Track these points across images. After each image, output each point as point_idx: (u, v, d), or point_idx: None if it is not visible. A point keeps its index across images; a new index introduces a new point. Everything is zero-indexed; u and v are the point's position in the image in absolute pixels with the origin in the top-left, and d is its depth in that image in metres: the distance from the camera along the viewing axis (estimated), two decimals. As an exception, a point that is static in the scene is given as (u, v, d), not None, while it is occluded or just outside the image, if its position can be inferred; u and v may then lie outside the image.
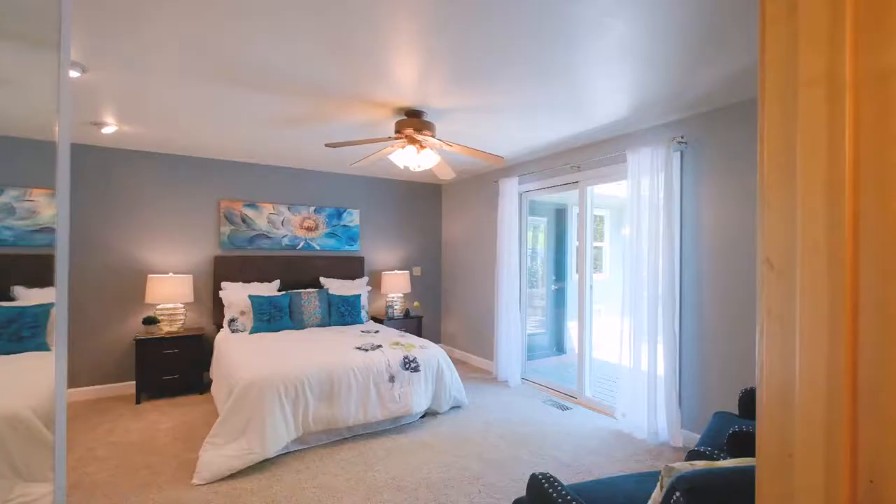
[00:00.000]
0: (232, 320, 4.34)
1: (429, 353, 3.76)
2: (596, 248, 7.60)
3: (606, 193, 6.24)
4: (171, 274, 4.39)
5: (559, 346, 6.45)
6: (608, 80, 2.72)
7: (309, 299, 4.69)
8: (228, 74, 2.64)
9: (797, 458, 0.53)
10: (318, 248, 5.36)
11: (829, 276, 0.51)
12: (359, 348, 3.63)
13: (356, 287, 5.23)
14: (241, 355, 3.42)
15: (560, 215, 6.41)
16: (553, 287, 6.37)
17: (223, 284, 4.57)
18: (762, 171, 0.59)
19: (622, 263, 3.68)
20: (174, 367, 4.14)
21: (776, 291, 0.56)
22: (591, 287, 4.32)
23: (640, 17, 2.01)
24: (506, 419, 3.76)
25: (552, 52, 2.36)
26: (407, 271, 5.79)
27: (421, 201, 6.32)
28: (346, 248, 5.57)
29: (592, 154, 4.16)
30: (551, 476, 1.46)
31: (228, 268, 4.73)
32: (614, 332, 3.93)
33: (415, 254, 6.26)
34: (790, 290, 0.55)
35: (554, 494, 1.37)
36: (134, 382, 4.16)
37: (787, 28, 0.55)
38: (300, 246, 5.25)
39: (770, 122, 0.58)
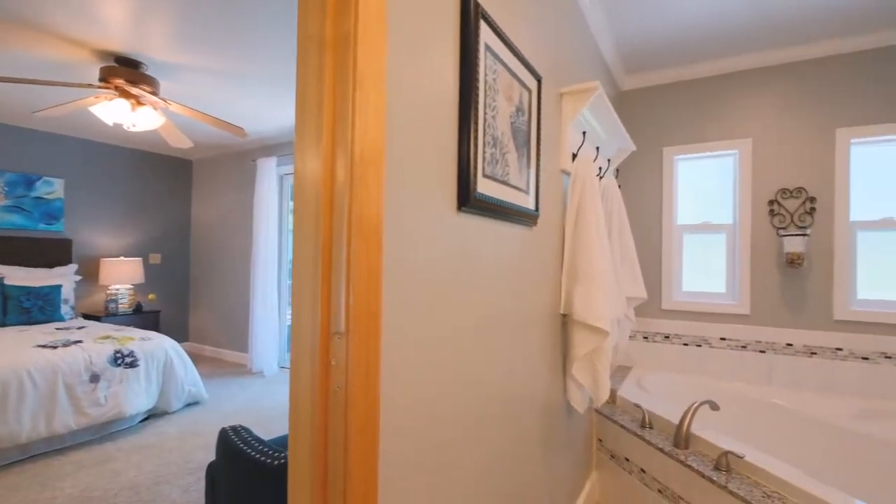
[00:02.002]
0: None
1: (153, 344, 3.25)
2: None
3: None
4: None
5: (326, 334, 6.50)
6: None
7: (-32, 293, 3.44)
8: None
9: (303, 332, 0.69)
10: (-10, 225, 3.98)
11: (322, 184, 0.68)
12: (43, 346, 2.86)
13: (54, 277, 4.10)
14: None
15: (327, 203, 6.45)
16: (321, 275, 6.37)
17: None
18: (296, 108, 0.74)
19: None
20: None
21: (299, 197, 0.71)
22: (346, 269, 4.50)
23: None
24: (251, 407, 3.58)
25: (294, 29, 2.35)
26: (140, 258, 4.87)
27: (164, 176, 5.41)
28: (42, 226, 4.32)
29: (348, 141, 4.33)
30: (240, 427, 1.47)
31: None
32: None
33: (153, 238, 5.32)
34: (305, 195, 0.71)
35: (237, 440, 1.38)
36: None
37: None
38: (-44, 222, 3.80)
39: (299, 70, 0.72)
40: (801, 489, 1.50)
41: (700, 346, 2.96)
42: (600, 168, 2.11)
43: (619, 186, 2.99)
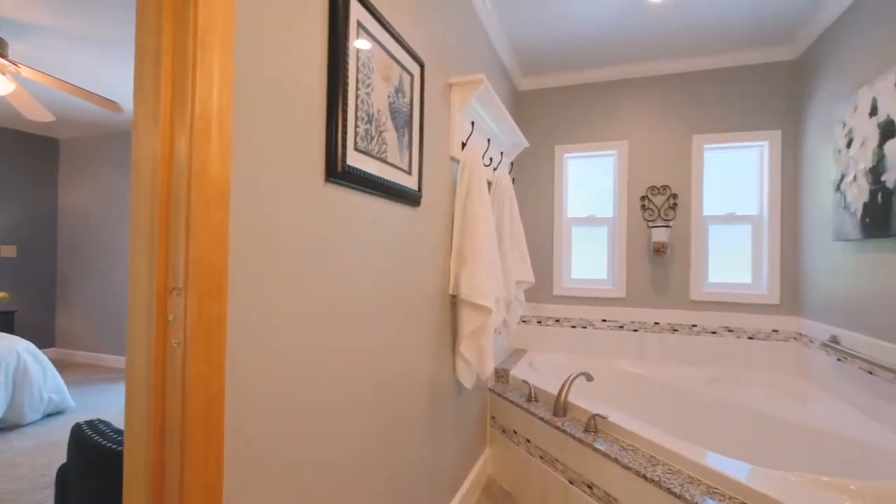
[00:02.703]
0: None
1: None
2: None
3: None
4: None
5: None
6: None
7: None
8: None
9: (139, 288, 0.66)
10: None
11: (161, 136, 0.66)
12: None
13: None
14: None
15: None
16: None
17: None
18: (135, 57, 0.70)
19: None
20: None
21: (136, 147, 0.69)
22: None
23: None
24: (131, 413, 3.23)
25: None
26: (-12, 251, 4.16)
27: (20, 157, 4.66)
28: None
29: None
30: (97, 420, 1.34)
31: None
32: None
33: (6, 228, 4.57)
34: (141, 146, 0.68)
35: (92, 434, 1.26)
36: None
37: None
38: None
39: (138, 18, 0.69)
40: (652, 441, 1.73)
41: (585, 327, 3.26)
42: (492, 159, 2.23)
43: (514, 180, 3.18)
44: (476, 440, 2.36)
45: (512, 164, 2.96)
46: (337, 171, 1.00)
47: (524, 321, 3.37)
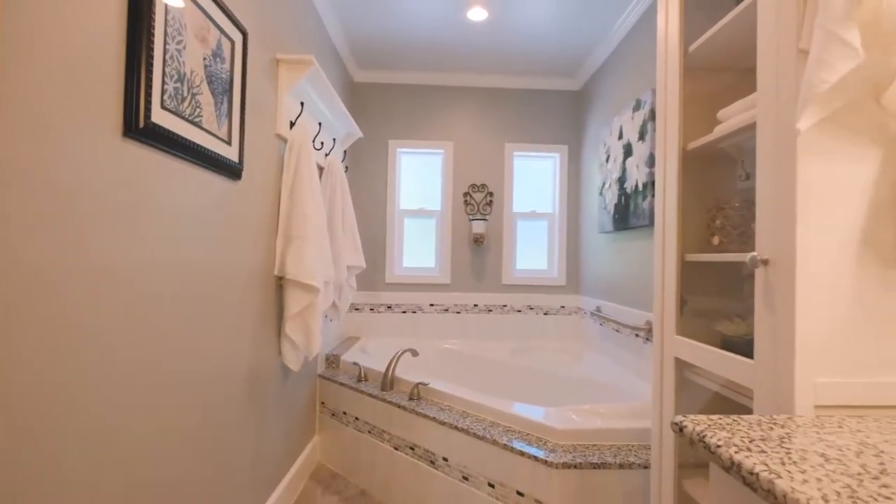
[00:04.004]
0: None
1: None
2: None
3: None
4: None
5: None
6: None
7: None
8: None
9: None
10: None
11: None
12: None
13: None
14: None
15: None
16: None
17: None
18: None
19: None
20: None
21: None
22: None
23: None
24: None
25: None
26: None
27: None
28: None
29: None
30: None
31: None
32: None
33: None
34: None
35: None
36: None
37: None
38: None
39: None
40: (465, 399, 1.99)
41: (415, 312, 3.49)
42: (323, 143, 2.24)
43: (347, 168, 3.22)
44: (304, 428, 2.33)
45: (345, 152, 2.99)
46: (138, 127, 0.92)
47: (357, 309, 3.44)
